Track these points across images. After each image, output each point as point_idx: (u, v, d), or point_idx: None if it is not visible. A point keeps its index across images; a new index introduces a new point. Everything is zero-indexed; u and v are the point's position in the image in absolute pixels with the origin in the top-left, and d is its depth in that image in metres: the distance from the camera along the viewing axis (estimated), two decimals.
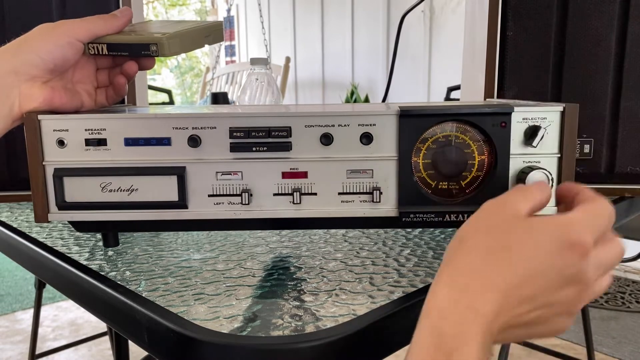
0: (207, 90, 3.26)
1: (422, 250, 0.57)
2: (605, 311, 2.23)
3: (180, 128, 0.48)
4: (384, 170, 0.49)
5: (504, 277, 0.34)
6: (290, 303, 0.45)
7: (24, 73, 0.50)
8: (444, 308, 0.33)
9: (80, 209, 0.50)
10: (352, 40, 3.55)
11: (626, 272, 2.62)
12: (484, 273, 0.34)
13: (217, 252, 0.57)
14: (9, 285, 2.67)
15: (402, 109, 0.48)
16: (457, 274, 0.35)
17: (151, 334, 0.43)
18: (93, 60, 0.57)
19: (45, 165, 0.49)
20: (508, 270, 0.34)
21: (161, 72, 6.70)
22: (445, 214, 0.49)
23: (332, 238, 0.62)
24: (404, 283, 0.49)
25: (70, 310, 2.40)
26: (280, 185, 0.49)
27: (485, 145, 0.48)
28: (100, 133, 0.49)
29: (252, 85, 1.17)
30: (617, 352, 1.92)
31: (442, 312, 0.33)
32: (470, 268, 0.35)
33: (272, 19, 4.10)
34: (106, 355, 2.02)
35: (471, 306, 0.33)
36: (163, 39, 0.52)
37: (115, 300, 0.46)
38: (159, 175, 0.49)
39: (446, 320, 0.32)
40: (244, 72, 2.82)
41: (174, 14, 6.83)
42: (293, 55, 3.96)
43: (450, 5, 2.92)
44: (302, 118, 0.48)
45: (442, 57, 3.00)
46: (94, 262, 0.55)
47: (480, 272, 0.34)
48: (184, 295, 0.46)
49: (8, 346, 2.11)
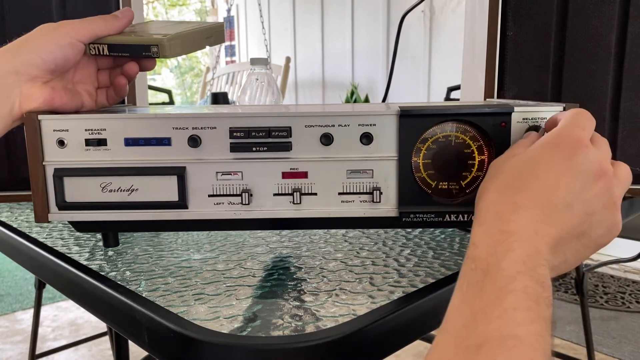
0: (207, 90, 3.26)
1: (422, 250, 0.57)
2: (605, 311, 2.23)
3: (180, 128, 0.48)
4: (384, 170, 0.49)
5: (529, 195, 0.37)
6: (291, 303, 0.45)
7: (25, 73, 0.50)
8: (476, 240, 0.36)
9: (80, 209, 0.50)
10: (352, 40, 3.55)
11: (626, 272, 2.62)
12: (508, 202, 0.37)
13: (217, 252, 0.57)
14: (9, 285, 2.67)
15: (402, 109, 0.48)
16: (481, 214, 0.38)
17: (151, 334, 0.43)
18: (94, 61, 0.57)
19: (45, 165, 0.49)
20: (530, 191, 0.37)
21: (161, 72, 6.70)
22: (445, 214, 0.49)
23: (332, 238, 0.62)
24: (404, 283, 0.49)
25: (70, 310, 2.40)
26: (280, 185, 0.49)
27: (485, 145, 0.48)
28: (100, 133, 0.49)
29: (252, 85, 1.17)
30: (617, 352, 1.92)
31: (475, 243, 0.36)
32: (494, 203, 0.38)
33: (272, 19, 4.10)
34: (106, 355, 2.02)
35: (504, 230, 0.35)
36: (164, 40, 0.52)
37: (115, 300, 0.46)
38: (159, 175, 0.49)
39: (477, 248, 0.35)
40: (244, 72, 2.82)
41: (174, 14, 6.83)
42: (293, 55, 3.96)
43: (450, 5, 2.92)
44: (302, 118, 0.48)
45: (442, 57, 3.00)
46: (94, 262, 0.55)
47: (503, 203, 0.37)
48: (184, 295, 0.46)
49: (8, 346, 2.11)
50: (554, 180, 0.37)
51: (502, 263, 0.33)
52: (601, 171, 0.38)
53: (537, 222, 0.36)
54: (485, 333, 0.30)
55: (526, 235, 0.35)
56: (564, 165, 0.38)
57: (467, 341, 0.30)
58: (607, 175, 0.39)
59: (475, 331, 0.30)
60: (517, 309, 0.31)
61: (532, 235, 0.35)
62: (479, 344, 0.30)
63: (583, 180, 0.38)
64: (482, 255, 0.34)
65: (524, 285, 0.32)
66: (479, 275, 0.33)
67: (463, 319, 0.32)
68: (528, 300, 0.31)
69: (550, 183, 0.37)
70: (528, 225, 0.35)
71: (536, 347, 0.30)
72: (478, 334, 0.30)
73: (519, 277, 0.32)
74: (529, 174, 0.38)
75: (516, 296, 0.31)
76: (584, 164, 0.38)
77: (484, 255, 0.34)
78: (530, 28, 0.66)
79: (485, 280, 0.33)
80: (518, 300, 0.31)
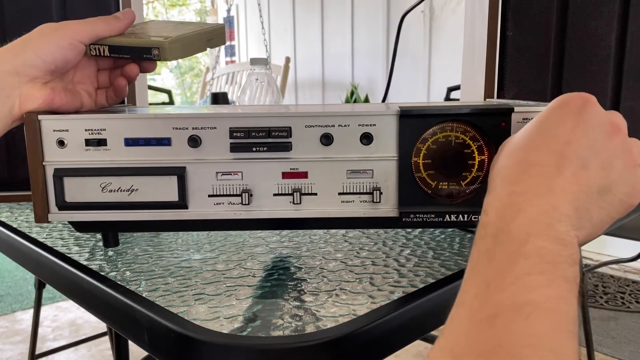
0: (207, 90, 3.26)
1: (422, 251, 0.57)
2: (605, 311, 2.23)
3: (180, 128, 0.48)
4: (384, 170, 0.49)
5: (539, 153, 0.36)
6: (291, 303, 0.45)
7: (25, 74, 0.50)
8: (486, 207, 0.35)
9: (80, 209, 0.50)
10: (352, 40, 3.55)
11: (626, 272, 2.62)
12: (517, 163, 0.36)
13: (217, 252, 0.57)
14: (9, 285, 2.67)
15: (402, 109, 0.48)
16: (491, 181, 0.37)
17: (151, 334, 0.43)
18: (94, 61, 0.57)
19: (45, 165, 0.49)
20: (540, 149, 0.36)
21: (161, 72, 6.70)
22: (445, 214, 0.49)
23: (332, 238, 0.62)
24: (404, 283, 0.49)
25: (70, 311, 2.40)
26: (280, 185, 0.49)
27: (485, 145, 0.48)
28: (100, 133, 0.49)
29: (252, 85, 1.17)
30: (617, 352, 1.92)
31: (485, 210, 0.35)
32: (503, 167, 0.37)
33: (272, 19, 4.10)
34: (106, 355, 2.01)
35: (513, 191, 0.34)
36: (165, 43, 0.51)
37: (115, 300, 0.46)
38: (159, 175, 0.49)
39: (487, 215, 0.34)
40: (244, 72, 2.82)
41: (174, 14, 6.83)
42: (293, 55, 3.96)
43: (450, 5, 2.92)
44: (302, 118, 0.48)
45: (442, 57, 3.00)
46: (94, 262, 0.55)
47: (512, 165, 0.36)
48: (184, 295, 0.46)
49: (8, 346, 2.11)
50: (565, 135, 0.36)
51: (511, 226, 0.32)
52: (613, 126, 0.37)
53: (550, 178, 0.34)
54: (499, 303, 0.29)
55: (538, 192, 0.33)
56: (574, 121, 0.36)
57: (481, 313, 0.29)
58: (621, 131, 0.37)
59: (488, 302, 0.29)
60: (531, 274, 0.29)
61: (545, 192, 0.33)
62: (492, 315, 0.28)
63: (596, 135, 0.36)
64: (491, 221, 0.33)
65: (537, 246, 0.30)
66: (489, 242, 0.32)
67: (475, 290, 0.30)
68: (543, 263, 0.30)
69: (561, 138, 0.36)
70: (540, 183, 0.34)
71: (556, 311, 0.28)
72: (491, 304, 0.29)
73: (530, 238, 0.31)
74: (537, 134, 0.37)
75: (529, 260, 0.30)
76: (594, 119, 0.36)
77: (493, 220, 0.33)
78: (530, 28, 0.66)
79: (495, 247, 0.31)
80: (531, 264, 0.30)
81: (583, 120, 0.36)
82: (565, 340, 0.28)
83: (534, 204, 0.33)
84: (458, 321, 0.30)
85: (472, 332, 0.29)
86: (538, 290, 0.29)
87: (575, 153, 0.35)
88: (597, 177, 0.35)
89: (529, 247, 0.31)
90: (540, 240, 0.31)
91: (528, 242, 0.31)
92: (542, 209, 0.32)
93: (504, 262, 0.30)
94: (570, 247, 0.31)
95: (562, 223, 0.32)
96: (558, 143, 0.35)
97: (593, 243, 2.57)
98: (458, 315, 0.30)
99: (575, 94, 0.38)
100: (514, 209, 0.33)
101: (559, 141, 0.35)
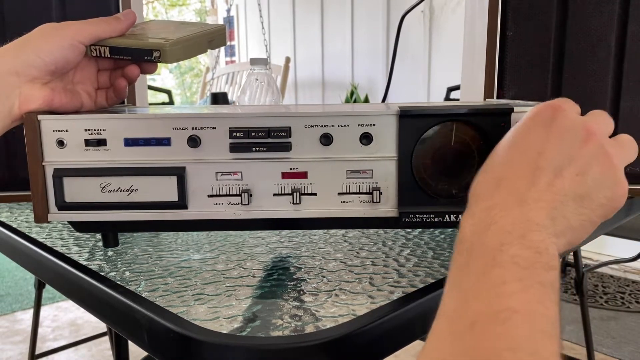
0: (206, 90, 3.26)
1: (422, 251, 0.57)
2: (605, 311, 2.23)
3: (180, 128, 0.48)
4: (384, 170, 0.49)
5: (511, 167, 0.36)
6: (290, 303, 0.45)
7: (25, 74, 0.50)
8: (462, 223, 0.35)
9: (80, 209, 0.50)
10: (352, 40, 3.55)
11: (626, 272, 2.62)
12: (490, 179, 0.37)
13: (217, 253, 0.57)
14: (9, 285, 2.67)
15: (402, 109, 0.48)
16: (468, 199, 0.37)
17: (151, 334, 0.43)
18: (94, 62, 0.57)
19: (45, 165, 0.49)
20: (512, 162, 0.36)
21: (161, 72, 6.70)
22: (445, 214, 0.49)
23: (332, 238, 0.62)
24: (403, 283, 0.49)
25: (70, 311, 2.40)
26: (280, 185, 0.49)
27: (485, 145, 0.48)
28: (100, 133, 0.49)
29: (252, 85, 1.17)
30: (617, 352, 1.92)
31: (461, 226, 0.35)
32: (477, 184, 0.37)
33: (272, 19, 4.10)
34: (106, 355, 2.02)
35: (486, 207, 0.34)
36: (166, 46, 0.51)
37: (115, 300, 0.46)
38: (158, 175, 0.49)
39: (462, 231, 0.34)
40: (244, 72, 2.82)
41: (174, 14, 6.83)
42: (293, 55, 3.96)
43: (450, 5, 2.92)
44: (302, 118, 0.48)
45: (442, 57, 3.00)
46: (93, 262, 0.55)
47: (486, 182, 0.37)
48: (184, 295, 0.46)
49: (8, 346, 2.11)
50: (537, 146, 0.36)
51: (484, 238, 0.32)
52: (587, 132, 0.37)
53: (522, 190, 0.34)
54: (477, 311, 0.29)
55: (510, 205, 0.34)
56: (545, 131, 0.37)
57: (460, 323, 0.29)
58: (595, 135, 0.37)
59: (467, 311, 0.30)
60: (507, 282, 0.30)
61: (516, 203, 0.34)
62: (471, 323, 0.29)
63: (568, 142, 0.36)
64: (466, 236, 0.34)
65: (511, 255, 0.31)
66: (465, 257, 0.32)
67: (454, 302, 0.31)
68: (518, 270, 0.30)
69: (533, 150, 0.36)
70: (512, 195, 0.34)
71: (535, 314, 0.29)
72: (469, 313, 0.29)
73: (504, 248, 0.31)
74: (510, 148, 0.37)
75: (504, 268, 0.30)
76: (566, 126, 0.37)
77: (468, 236, 0.33)
78: (530, 28, 0.66)
79: (471, 260, 0.32)
80: (506, 272, 0.30)
81: (554, 130, 0.37)
82: (544, 343, 0.28)
83: (506, 216, 0.33)
84: (439, 332, 0.30)
85: (453, 341, 0.29)
86: (515, 295, 0.29)
87: (549, 162, 0.35)
88: (573, 184, 0.36)
89: (503, 256, 0.31)
90: (514, 249, 0.31)
91: (502, 252, 0.31)
92: (515, 219, 0.33)
93: (480, 273, 0.31)
94: (545, 255, 0.32)
95: (536, 233, 0.32)
96: (531, 155, 0.36)
97: (593, 243, 2.57)
98: (439, 326, 0.31)
99: (545, 104, 0.38)
100: (487, 222, 0.33)
101: (531, 153, 0.36)
